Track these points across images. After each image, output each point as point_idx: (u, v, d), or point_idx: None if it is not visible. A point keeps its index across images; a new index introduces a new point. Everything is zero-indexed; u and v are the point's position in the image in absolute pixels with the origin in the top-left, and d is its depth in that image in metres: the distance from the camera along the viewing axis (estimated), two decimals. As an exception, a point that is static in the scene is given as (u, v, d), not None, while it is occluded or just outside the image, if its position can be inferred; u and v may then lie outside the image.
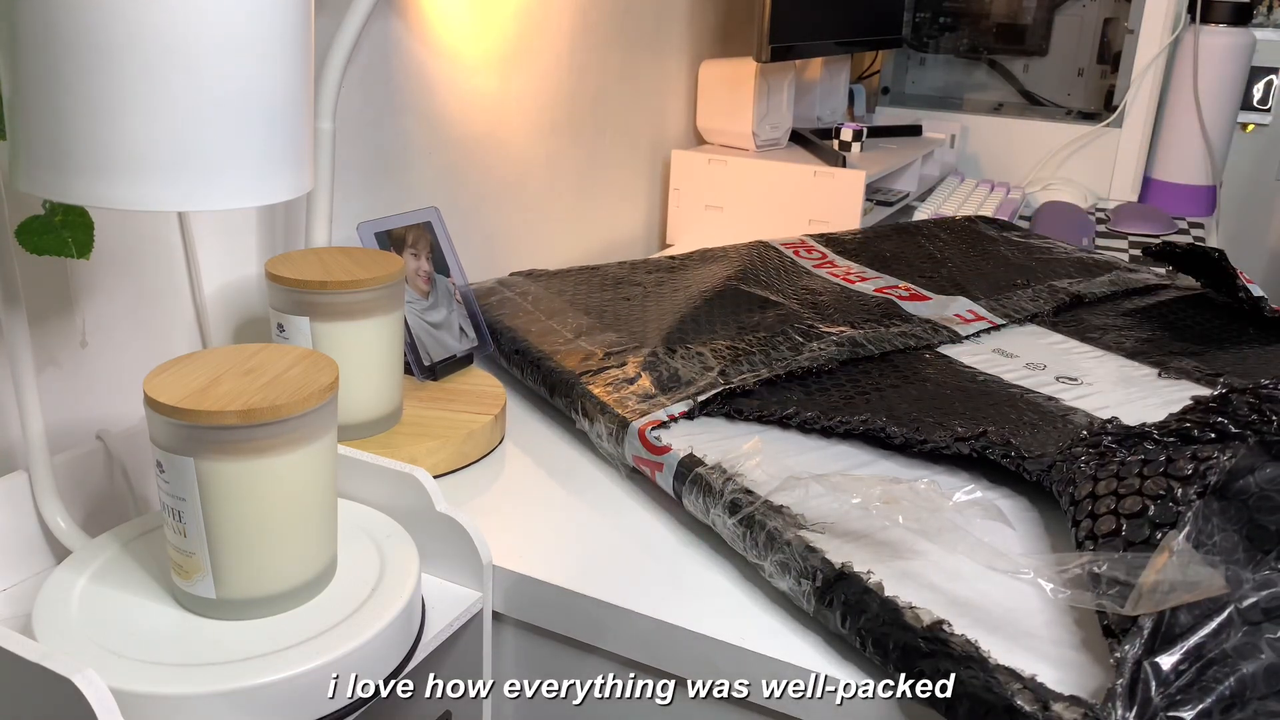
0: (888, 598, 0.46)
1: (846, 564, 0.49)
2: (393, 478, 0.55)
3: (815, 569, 0.49)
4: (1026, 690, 0.41)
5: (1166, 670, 0.40)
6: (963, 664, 0.43)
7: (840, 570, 0.48)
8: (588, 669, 0.56)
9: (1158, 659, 0.40)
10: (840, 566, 0.48)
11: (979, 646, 0.43)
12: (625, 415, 0.64)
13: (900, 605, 0.46)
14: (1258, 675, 0.40)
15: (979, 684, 0.41)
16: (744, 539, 0.53)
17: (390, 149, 0.85)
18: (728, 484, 0.56)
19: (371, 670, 0.47)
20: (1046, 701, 0.40)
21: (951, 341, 0.80)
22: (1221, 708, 0.39)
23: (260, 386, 0.45)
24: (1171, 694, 0.39)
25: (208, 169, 0.42)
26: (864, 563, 0.49)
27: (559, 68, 1.06)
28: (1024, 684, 0.41)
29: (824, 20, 1.31)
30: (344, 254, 0.66)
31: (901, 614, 0.45)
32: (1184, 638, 0.41)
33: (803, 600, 0.50)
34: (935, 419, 0.64)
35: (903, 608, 0.46)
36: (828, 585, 0.48)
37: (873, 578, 0.48)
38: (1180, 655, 0.40)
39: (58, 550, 0.56)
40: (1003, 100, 1.79)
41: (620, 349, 0.75)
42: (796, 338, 0.76)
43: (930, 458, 0.64)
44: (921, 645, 0.44)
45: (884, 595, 0.47)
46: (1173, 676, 0.40)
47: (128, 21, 0.39)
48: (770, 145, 1.31)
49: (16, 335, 0.52)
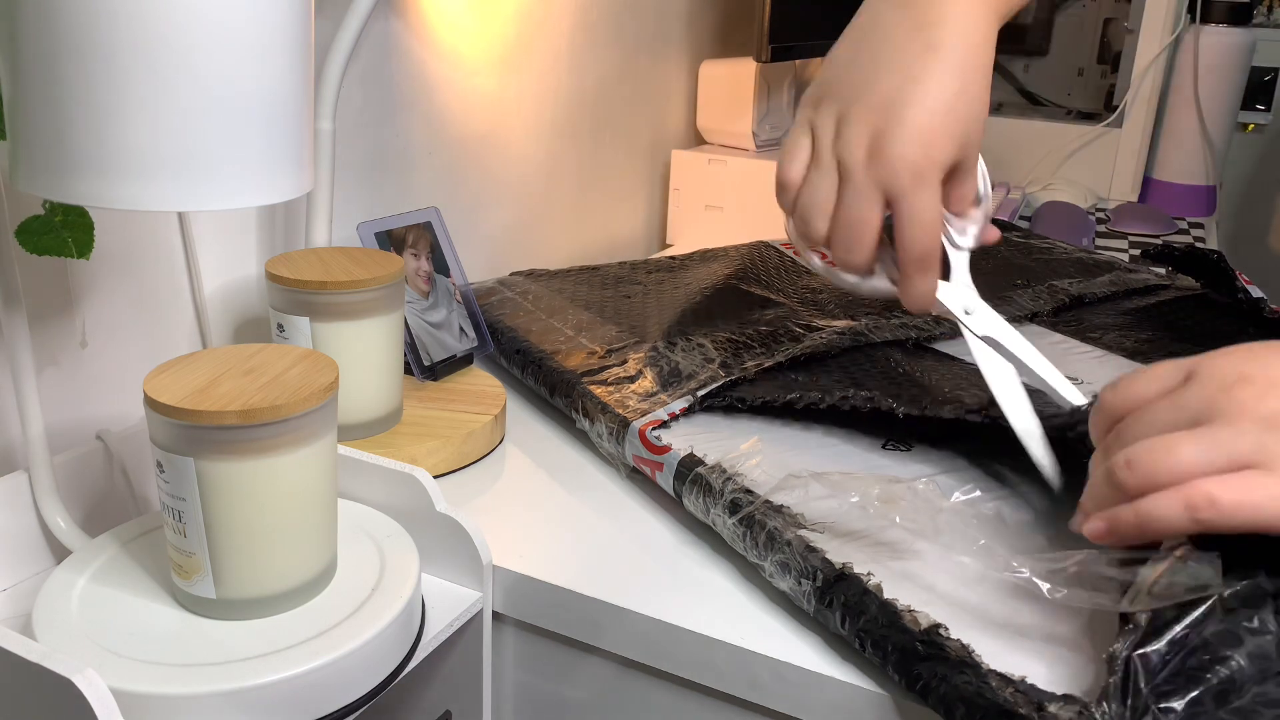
0: (887, 600, 0.46)
1: (847, 565, 0.49)
2: (393, 478, 0.55)
3: (815, 569, 0.49)
4: (1019, 693, 0.41)
5: (1154, 662, 0.40)
6: (957, 668, 0.43)
7: (841, 571, 0.48)
8: (588, 669, 0.56)
9: (1145, 650, 0.40)
10: (840, 567, 0.48)
11: (972, 651, 0.44)
12: (625, 415, 0.64)
13: (899, 608, 0.46)
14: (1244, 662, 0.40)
15: (972, 689, 0.42)
16: (744, 539, 0.53)
17: (390, 149, 0.85)
18: (727, 484, 0.55)
19: (372, 670, 0.47)
20: (1040, 702, 0.41)
21: (953, 336, 0.80)
22: (1214, 694, 0.39)
23: (260, 386, 0.45)
24: (1159, 685, 0.39)
25: (208, 169, 0.42)
26: (863, 563, 0.49)
27: (559, 68, 1.06)
28: (1016, 687, 0.42)
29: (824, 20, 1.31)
30: (344, 254, 0.66)
31: (900, 617, 0.45)
32: (1169, 628, 0.41)
33: (803, 600, 0.50)
34: (943, 395, 0.64)
35: (901, 610, 0.46)
36: (828, 585, 0.48)
37: (872, 579, 0.48)
38: (1165, 645, 0.40)
39: (58, 550, 0.56)
40: (1003, 100, 1.79)
41: (621, 345, 0.75)
42: (797, 330, 0.76)
43: (929, 461, 0.64)
44: (919, 648, 0.44)
45: (883, 597, 0.47)
46: (1159, 667, 0.40)
47: (128, 21, 0.39)
48: (770, 145, 1.31)
49: (16, 335, 0.52)
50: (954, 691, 0.42)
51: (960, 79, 0.52)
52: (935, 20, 0.52)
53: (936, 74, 0.52)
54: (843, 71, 0.55)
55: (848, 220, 0.54)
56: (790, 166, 0.56)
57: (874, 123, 0.52)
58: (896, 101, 0.52)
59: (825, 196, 0.54)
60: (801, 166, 0.56)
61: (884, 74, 0.52)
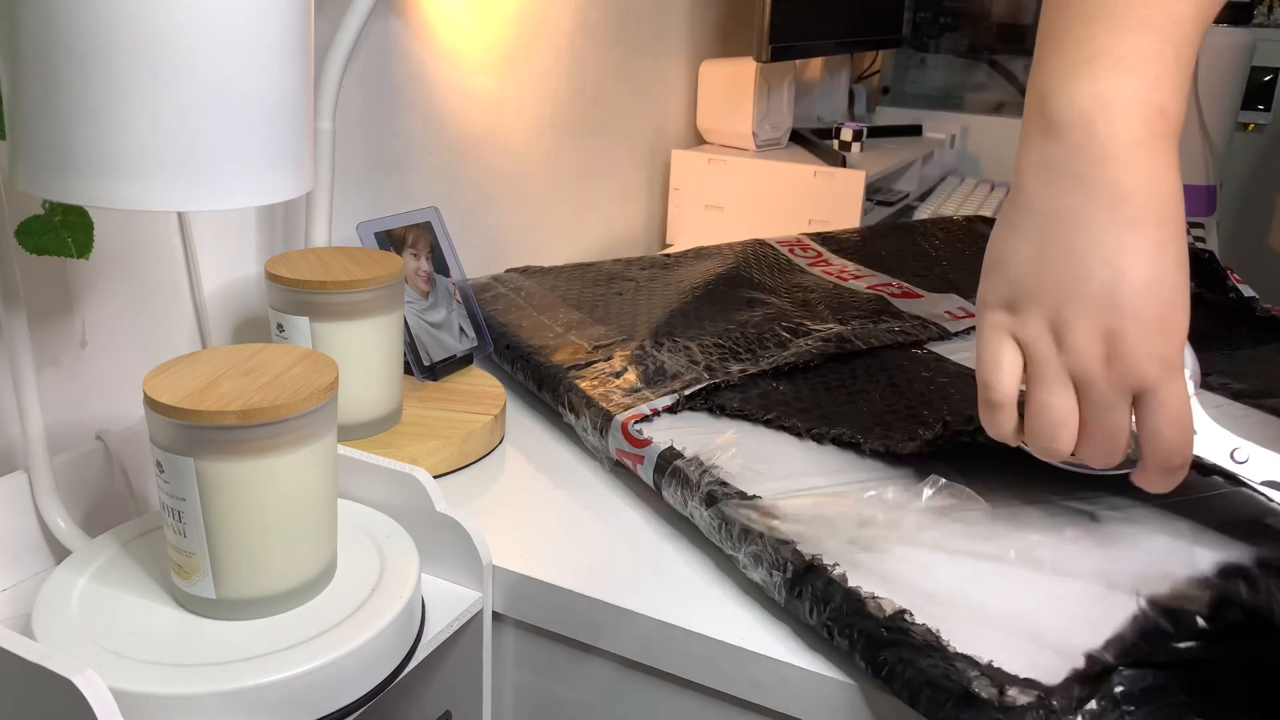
0: (851, 588, 0.47)
1: (816, 556, 0.49)
2: (393, 478, 0.55)
3: (786, 560, 0.50)
4: (984, 676, 0.42)
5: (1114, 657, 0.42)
6: (923, 652, 0.43)
7: (810, 562, 0.49)
8: (588, 669, 0.56)
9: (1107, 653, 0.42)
10: (810, 559, 0.49)
11: (939, 635, 0.44)
12: (609, 409, 0.65)
13: (863, 595, 0.47)
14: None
15: (938, 672, 0.42)
16: (719, 530, 0.54)
17: (390, 149, 0.85)
18: (704, 476, 0.56)
19: (371, 670, 0.47)
20: (1002, 685, 0.41)
21: (940, 338, 0.80)
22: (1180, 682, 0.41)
23: (260, 386, 0.45)
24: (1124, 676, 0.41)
25: (208, 169, 0.42)
26: (835, 555, 0.50)
27: (559, 68, 1.06)
28: (981, 670, 0.42)
29: (824, 20, 1.31)
30: (344, 254, 0.66)
31: (864, 604, 0.46)
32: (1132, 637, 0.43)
33: (774, 592, 0.50)
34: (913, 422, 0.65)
35: (865, 598, 0.46)
36: (797, 577, 0.49)
37: (837, 569, 0.48)
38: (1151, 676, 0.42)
39: (58, 550, 0.56)
40: (1003, 100, 1.79)
41: (608, 343, 0.76)
42: (784, 334, 0.77)
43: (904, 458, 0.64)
44: (884, 634, 0.45)
45: (848, 586, 0.47)
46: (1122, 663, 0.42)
47: (128, 22, 0.39)
48: (770, 145, 1.31)
49: (16, 335, 0.52)
50: (920, 675, 0.42)
51: (1174, 245, 0.47)
52: (1128, 190, 0.47)
53: (1151, 251, 0.47)
54: (1033, 269, 0.48)
55: (1099, 433, 0.48)
56: (1001, 385, 0.50)
57: (1103, 323, 0.46)
58: (1121, 294, 0.46)
59: (1064, 413, 0.48)
60: (1013, 382, 0.50)
61: (1093, 266, 0.47)
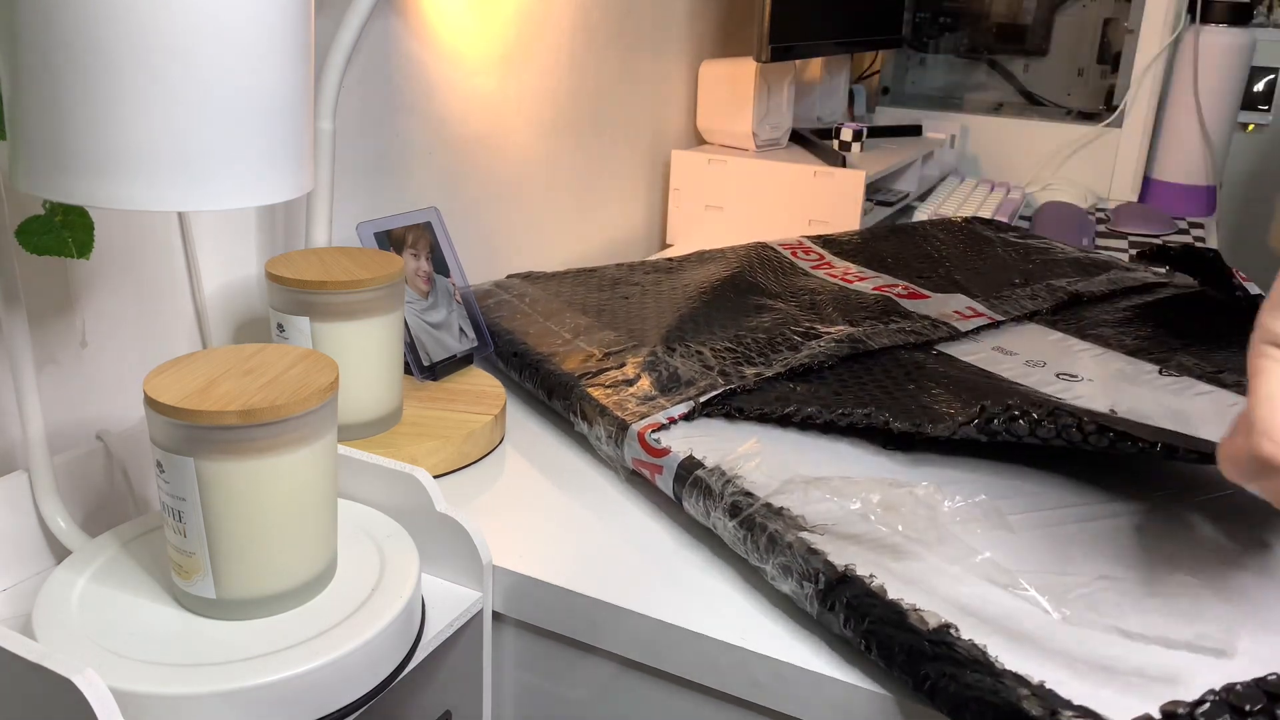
0: (892, 600, 0.46)
1: (849, 566, 0.48)
2: (393, 478, 0.55)
3: (817, 571, 0.49)
4: (1034, 696, 0.40)
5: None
6: (969, 668, 0.42)
7: (843, 573, 0.48)
8: (588, 669, 0.56)
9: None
10: (843, 569, 0.48)
11: (986, 650, 0.43)
12: (624, 418, 0.64)
13: (905, 608, 0.45)
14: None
15: (985, 687, 0.41)
16: (745, 541, 0.53)
17: (390, 149, 0.85)
18: (727, 486, 0.55)
19: (371, 670, 0.47)
20: (1055, 709, 0.40)
21: (951, 338, 0.80)
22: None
23: (260, 386, 0.45)
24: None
25: (207, 169, 0.42)
26: (866, 566, 0.49)
27: (559, 68, 1.06)
28: (1032, 690, 0.40)
29: (824, 20, 1.31)
30: (344, 254, 0.66)
31: (906, 616, 0.45)
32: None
33: (806, 603, 0.50)
34: (938, 410, 0.64)
35: (907, 610, 0.45)
36: (830, 588, 0.48)
37: (875, 580, 0.47)
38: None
39: (58, 550, 0.56)
40: (1003, 100, 1.79)
41: (619, 349, 0.75)
42: (795, 337, 0.76)
43: (930, 461, 0.64)
44: (927, 648, 0.43)
45: (888, 598, 0.46)
46: None
47: (128, 21, 0.39)
48: (770, 145, 1.31)
49: (16, 335, 0.52)
50: (964, 691, 0.41)
51: None
52: None
53: None
54: None
55: None
56: None
57: None
58: None
59: None
60: None
61: None
